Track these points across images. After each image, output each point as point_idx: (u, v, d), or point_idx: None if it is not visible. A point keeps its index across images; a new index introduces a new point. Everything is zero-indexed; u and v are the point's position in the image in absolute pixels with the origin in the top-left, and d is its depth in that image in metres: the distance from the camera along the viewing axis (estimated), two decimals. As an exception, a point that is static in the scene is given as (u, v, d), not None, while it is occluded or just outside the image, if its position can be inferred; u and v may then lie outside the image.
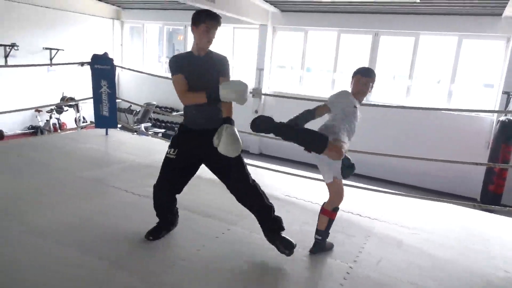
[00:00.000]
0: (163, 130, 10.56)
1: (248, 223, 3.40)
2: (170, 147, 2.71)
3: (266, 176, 4.86)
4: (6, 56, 9.25)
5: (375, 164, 8.28)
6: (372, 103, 8.52)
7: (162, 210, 2.90)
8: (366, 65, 8.90)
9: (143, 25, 11.98)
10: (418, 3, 7.18)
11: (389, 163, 8.29)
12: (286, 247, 2.75)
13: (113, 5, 11.57)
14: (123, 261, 2.65)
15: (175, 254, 2.80)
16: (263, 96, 10.17)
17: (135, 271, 2.54)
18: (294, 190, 4.35)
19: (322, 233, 2.95)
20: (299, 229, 3.39)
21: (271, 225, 2.83)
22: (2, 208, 3.21)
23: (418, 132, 8.54)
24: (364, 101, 3.18)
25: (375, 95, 9.09)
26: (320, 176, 4.74)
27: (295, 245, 2.77)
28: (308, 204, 3.99)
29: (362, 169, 8.31)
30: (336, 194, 2.96)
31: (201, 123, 2.63)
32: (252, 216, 3.53)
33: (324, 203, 3.00)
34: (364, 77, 2.94)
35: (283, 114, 11.12)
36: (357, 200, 4.22)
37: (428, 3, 7.35)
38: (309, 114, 2.94)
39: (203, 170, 2.99)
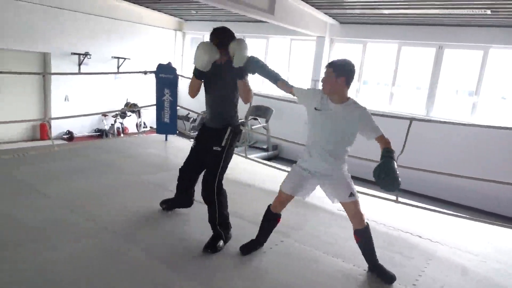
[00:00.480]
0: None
1: (301, 236, 3.38)
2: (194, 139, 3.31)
3: (318, 189, 4.79)
4: (79, 64, 10.04)
5: (437, 183, 7.86)
6: (434, 119, 8.14)
7: (181, 184, 3.34)
8: (428, 79, 8.69)
9: (203, 36, 12.43)
10: (489, 14, 6.76)
11: (454, 184, 7.81)
12: (209, 247, 2.91)
13: (176, 17, 12.16)
14: (181, 264, 2.73)
15: (229, 262, 2.84)
16: (317, 108, 10.07)
17: (192, 274, 2.61)
18: (348, 205, 4.24)
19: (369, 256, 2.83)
20: (355, 247, 3.28)
21: (214, 229, 3.00)
22: (71, 205, 3.47)
23: (486, 151, 7.96)
24: (426, 117, 3.02)
25: (436, 111, 8.66)
26: (377, 192, 4.62)
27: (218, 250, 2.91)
28: (363, 221, 3.86)
29: (423, 188, 8.03)
30: (356, 214, 2.76)
31: (208, 123, 3.09)
32: (307, 228, 3.50)
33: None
34: (325, 68, 2.65)
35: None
36: (417, 221, 4.02)
37: (499, 15, 6.90)
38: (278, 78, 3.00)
39: (256, 180, 3.01)
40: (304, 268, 2.89)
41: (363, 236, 2.76)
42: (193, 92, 2.99)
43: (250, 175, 4.89)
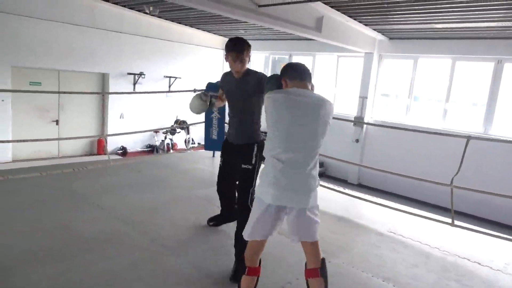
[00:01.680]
0: (262, 155, 10.89)
1: (350, 257, 3.28)
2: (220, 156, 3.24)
3: (365, 209, 4.66)
4: (134, 83, 10.64)
5: (497, 205, 7.36)
6: (493, 137, 7.65)
7: (223, 201, 3.33)
8: (486, 95, 8.20)
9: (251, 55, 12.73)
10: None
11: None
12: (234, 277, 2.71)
13: (225, 37, 12.56)
14: (227, 279, 2.75)
15: (275, 281, 2.82)
16: (365, 125, 9.86)
17: None
18: (399, 226, 4.07)
19: None
20: (406, 272, 3.13)
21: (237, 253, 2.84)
22: (124, 217, 3.63)
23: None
24: (483, 135, 2.78)
25: (495, 129, 8.13)
26: (431, 214, 4.38)
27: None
28: (416, 244, 3.68)
29: (481, 211, 7.53)
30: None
31: (232, 139, 3.02)
32: (355, 250, 3.40)
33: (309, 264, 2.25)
34: None
35: (386, 144, 10.73)
36: (476, 246, 3.77)
37: None
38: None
39: None
40: (353, 290, 2.80)
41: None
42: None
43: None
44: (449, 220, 4.09)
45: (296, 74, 2.24)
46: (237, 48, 2.77)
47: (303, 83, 2.22)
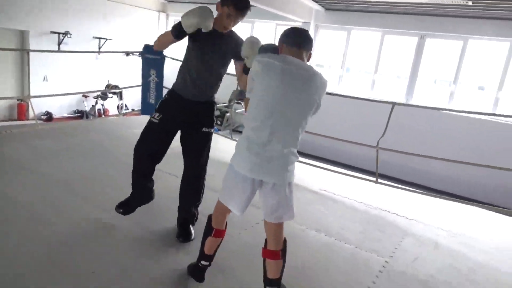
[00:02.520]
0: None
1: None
2: (156, 111, 2.69)
3: (299, 170, 4.94)
4: (59, 44, 9.79)
5: (415, 169, 8.21)
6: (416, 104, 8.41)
7: (140, 178, 2.76)
8: (409, 68, 8.92)
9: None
10: (471, 5, 6.98)
11: (432, 169, 8.14)
12: (183, 236, 2.79)
13: (160, -2, 11.98)
14: (168, 234, 2.82)
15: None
16: (300, 94, 10.20)
17: (181, 245, 2.71)
18: (330, 185, 4.41)
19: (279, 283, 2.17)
20: (336, 223, 3.45)
21: (188, 215, 2.88)
22: (65, 184, 3.48)
23: (463, 136, 8.28)
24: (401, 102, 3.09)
25: (415, 99, 8.92)
26: (358, 174, 4.81)
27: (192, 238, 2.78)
28: (345, 199, 4.04)
29: (400, 173, 8.33)
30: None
31: (195, 94, 2.65)
32: (308, 213, 3.64)
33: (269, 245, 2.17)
34: None
35: (321, 112, 11.10)
36: (394, 200, 4.23)
37: (480, 6, 7.12)
38: None
39: None
40: (291, 241, 3.00)
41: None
42: (162, 47, 2.73)
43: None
44: (374, 179, 4.53)
45: (296, 40, 2.04)
46: (243, 8, 2.52)
47: (300, 51, 2.03)
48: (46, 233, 2.65)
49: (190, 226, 2.87)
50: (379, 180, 4.51)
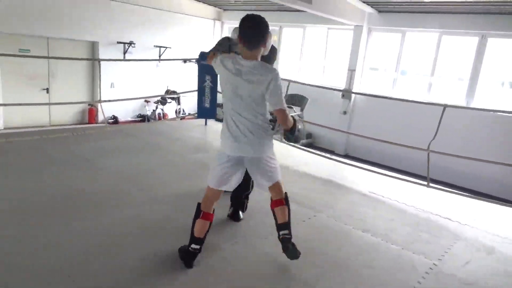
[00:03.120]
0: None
1: (333, 213, 3.60)
2: None
3: (350, 173, 4.98)
4: (124, 52, 10.61)
5: (468, 174, 7.81)
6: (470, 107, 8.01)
7: None
8: (470, 69, 8.50)
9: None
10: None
11: (485, 173, 7.71)
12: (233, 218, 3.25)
13: (215, 7, 12.49)
14: (217, 229, 3.04)
15: (267, 230, 3.12)
16: (353, 98, 10.12)
17: (234, 236, 2.91)
18: (379, 188, 4.40)
19: (289, 225, 2.58)
20: (384, 225, 3.47)
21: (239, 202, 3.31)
22: (124, 178, 3.87)
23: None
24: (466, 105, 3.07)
25: (477, 103, 8.48)
26: (408, 177, 4.75)
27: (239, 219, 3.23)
28: (394, 202, 4.02)
29: (453, 178, 7.97)
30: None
31: None
32: (338, 207, 3.73)
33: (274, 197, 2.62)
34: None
35: (373, 116, 10.99)
36: (447, 205, 4.13)
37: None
38: None
39: (292, 163, 3.19)
40: (337, 239, 3.12)
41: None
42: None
43: (286, 158, 5.13)
44: (425, 183, 4.45)
45: (246, 39, 2.31)
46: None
47: (252, 53, 2.31)
48: (106, 221, 2.98)
49: (240, 211, 3.29)
50: (431, 184, 4.42)
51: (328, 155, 5.76)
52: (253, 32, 2.32)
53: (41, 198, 3.24)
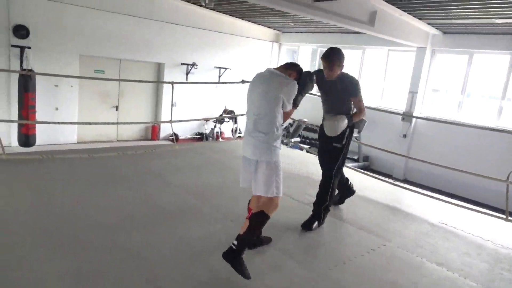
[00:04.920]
0: (307, 146, 11.11)
1: (402, 242, 3.49)
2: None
3: (416, 200, 4.80)
4: (187, 73, 11.17)
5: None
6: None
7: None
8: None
9: (299, 47, 12.91)
10: None
11: None
12: (305, 226, 3.49)
13: (274, 29, 12.81)
14: (292, 252, 3.06)
15: (337, 257, 3.10)
16: (413, 120, 9.80)
17: (303, 262, 2.92)
18: (450, 219, 4.19)
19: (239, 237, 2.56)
20: (459, 259, 3.30)
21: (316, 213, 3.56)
22: (197, 194, 4.04)
23: None
24: None
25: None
26: (485, 210, 4.48)
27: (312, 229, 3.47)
28: (468, 235, 3.81)
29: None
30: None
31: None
32: (408, 236, 3.61)
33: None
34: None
35: (435, 140, 10.60)
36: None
37: None
38: None
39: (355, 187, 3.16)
40: (411, 271, 3.01)
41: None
42: None
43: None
44: (503, 216, 4.16)
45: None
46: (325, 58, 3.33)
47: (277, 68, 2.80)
48: (181, 234, 3.12)
49: (313, 221, 3.50)
50: (510, 218, 4.13)
51: (392, 180, 5.60)
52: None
53: (122, 211, 3.47)
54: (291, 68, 2.82)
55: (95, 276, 2.48)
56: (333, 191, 3.55)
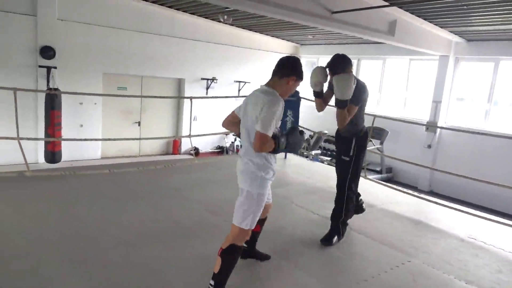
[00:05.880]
0: (329, 158, 10.96)
1: (429, 258, 3.35)
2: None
3: (442, 214, 4.62)
4: (207, 88, 11.30)
5: None
6: None
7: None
8: None
9: (318, 59, 12.89)
10: None
11: None
12: (324, 241, 3.41)
13: (293, 42, 12.85)
14: (312, 269, 2.97)
15: (359, 274, 2.99)
16: (438, 130, 9.53)
17: (324, 281, 2.83)
18: (479, 233, 4.00)
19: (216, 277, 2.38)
20: (490, 277, 3.12)
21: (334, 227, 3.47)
22: (214, 210, 4.02)
23: None
24: None
25: None
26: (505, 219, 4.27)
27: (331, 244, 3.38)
28: (499, 251, 3.62)
29: None
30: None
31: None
32: (435, 252, 3.46)
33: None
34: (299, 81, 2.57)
35: (461, 151, 10.29)
36: None
37: None
38: None
39: (377, 201, 3.05)
40: (435, 289, 2.88)
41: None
42: (318, 108, 3.44)
43: (370, 196, 4.94)
44: (536, 229, 3.95)
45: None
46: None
47: (269, 81, 2.54)
48: (199, 251, 3.08)
49: (332, 236, 3.42)
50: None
51: (416, 193, 5.42)
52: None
53: (141, 227, 3.48)
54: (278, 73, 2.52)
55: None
56: (348, 204, 3.43)
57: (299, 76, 2.51)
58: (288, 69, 2.50)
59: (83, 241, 3.13)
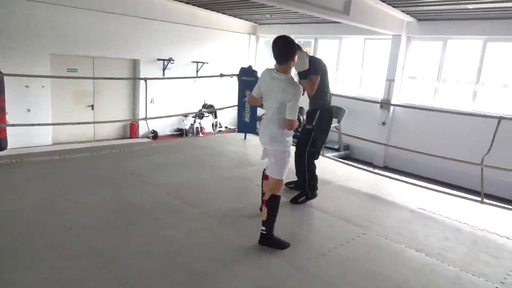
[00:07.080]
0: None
1: (382, 230, 3.51)
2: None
3: (395, 188, 4.84)
4: (164, 69, 10.97)
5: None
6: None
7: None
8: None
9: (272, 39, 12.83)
10: None
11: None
12: (293, 199, 3.89)
13: (250, 21, 12.68)
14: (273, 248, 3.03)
15: (316, 249, 3.08)
16: (391, 108, 9.89)
17: (283, 256, 2.89)
18: (429, 204, 4.25)
19: (266, 223, 2.96)
20: (438, 244, 3.33)
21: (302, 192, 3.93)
22: (175, 193, 3.95)
23: None
24: None
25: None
26: (461, 193, 4.57)
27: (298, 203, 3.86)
28: (446, 220, 3.86)
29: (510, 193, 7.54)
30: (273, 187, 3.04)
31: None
32: (388, 224, 3.63)
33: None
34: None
35: (413, 127, 10.73)
36: (504, 222, 3.92)
37: None
38: None
39: (333, 178, 3.13)
40: (390, 259, 3.02)
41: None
42: (312, 90, 3.76)
43: (328, 173, 5.07)
44: (479, 199, 4.24)
45: (275, 57, 2.93)
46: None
47: (278, 66, 2.92)
48: (162, 233, 3.05)
49: (300, 196, 3.90)
50: (485, 200, 4.21)
51: (371, 168, 5.63)
52: (279, 50, 2.88)
53: (97, 212, 3.36)
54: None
55: (71, 285, 2.38)
56: (310, 169, 3.84)
57: (298, 48, 3.14)
58: (293, 49, 2.90)
59: (33, 230, 2.98)
